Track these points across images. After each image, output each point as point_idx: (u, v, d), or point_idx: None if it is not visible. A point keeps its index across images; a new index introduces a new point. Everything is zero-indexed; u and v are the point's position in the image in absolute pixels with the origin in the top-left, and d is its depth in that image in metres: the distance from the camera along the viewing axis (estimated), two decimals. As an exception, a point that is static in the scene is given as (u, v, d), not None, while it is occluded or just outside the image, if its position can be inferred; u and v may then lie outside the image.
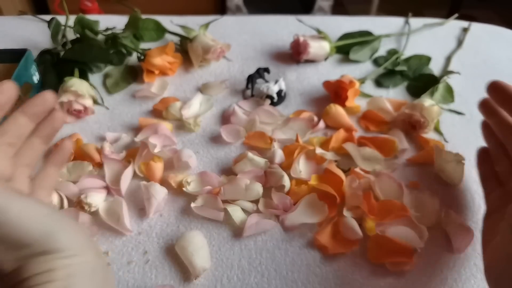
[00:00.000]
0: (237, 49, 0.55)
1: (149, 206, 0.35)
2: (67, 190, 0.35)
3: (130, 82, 0.49)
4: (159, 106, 0.45)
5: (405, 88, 0.50)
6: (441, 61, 0.55)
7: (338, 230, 0.34)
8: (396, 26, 0.62)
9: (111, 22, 0.57)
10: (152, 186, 0.35)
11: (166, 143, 0.39)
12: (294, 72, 0.52)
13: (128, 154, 0.39)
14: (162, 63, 0.49)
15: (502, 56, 0.56)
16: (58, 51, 0.50)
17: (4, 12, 1.34)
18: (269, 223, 0.34)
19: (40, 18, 0.60)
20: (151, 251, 0.33)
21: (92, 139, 0.42)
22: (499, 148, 0.33)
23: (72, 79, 0.44)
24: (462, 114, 0.46)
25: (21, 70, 0.42)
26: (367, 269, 0.32)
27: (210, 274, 0.31)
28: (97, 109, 0.45)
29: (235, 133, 0.42)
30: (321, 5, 1.77)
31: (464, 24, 0.63)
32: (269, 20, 0.63)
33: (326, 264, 0.32)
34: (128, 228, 0.33)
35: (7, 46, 0.47)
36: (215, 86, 0.48)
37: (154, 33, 0.56)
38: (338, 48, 0.55)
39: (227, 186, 0.36)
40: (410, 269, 0.31)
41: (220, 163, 0.40)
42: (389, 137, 0.41)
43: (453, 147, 0.42)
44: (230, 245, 0.33)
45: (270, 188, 0.37)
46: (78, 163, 0.38)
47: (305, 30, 0.57)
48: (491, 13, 2.09)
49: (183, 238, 0.32)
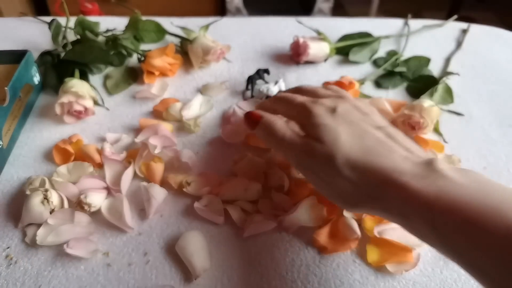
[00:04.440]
0: (237, 50, 0.56)
1: (149, 207, 0.35)
2: (67, 190, 0.35)
3: (131, 83, 0.50)
4: (159, 107, 0.45)
5: (405, 89, 0.51)
6: (441, 62, 0.55)
7: (338, 230, 0.34)
8: (396, 28, 0.62)
9: (112, 23, 0.58)
10: (152, 187, 0.35)
11: (166, 144, 0.39)
12: (294, 73, 0.52)
13: (128, 155, 0.39)
14: (162, 64, 0.49)
15: (501, 57, 0.57)
16: (59, 52, 0.50)
17: (5, 13, 1.34)
18: (269, 224, 0.34)
19: (41, 20, 0.60)
20: (151, 252, 0.33)
21: (92, 140, 0.42)
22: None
23: (72, 80, 0.44)
24: (461, 115, 0.47)
25: (21, 71, 0.42)
26: (367, 269, 0.32)
27: (210, 274, 0.31)
28: (98, 110, 0.45)
29: (235, 134, 0.42)
30: (321, 7, 1.77)
31: (463, 26, 0.63)
32: (269, 21, 0.63)
33: (326, 264, 0.32)
34: (130, 226, 0.33)
35: (7, 47, 0.47)
36: (215, 87, 0.49)
37: (154, 35, 0.56)
38: (338, 50, 0.55)
39: (227, 186, 0.36)
40: (409, 269, 0.31)
41: (220, 164, 0.40)
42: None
43: (453, 148, 0.42)
44: (230, 245, 0.33)
45: (269, 188, 0.37)
46: (79, 164, 0.38)
47: (305, 32, 0.57)
48: (490, 15, 2.10)
49: (183, 239, 0.32)
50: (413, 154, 0.28)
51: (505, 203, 0.22)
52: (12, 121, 0.42)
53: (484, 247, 0.22)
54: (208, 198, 0.36)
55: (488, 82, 0.52)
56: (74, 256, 0.32)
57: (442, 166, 0.26)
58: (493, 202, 0.22)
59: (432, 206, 0.24)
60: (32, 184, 0.36)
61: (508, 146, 0.43)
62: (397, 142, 0.29)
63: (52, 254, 0.32)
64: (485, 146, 0.43)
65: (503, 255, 0.21)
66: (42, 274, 0.31)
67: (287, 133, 0.32)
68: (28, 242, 0.33)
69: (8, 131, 0.41)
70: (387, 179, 0.26)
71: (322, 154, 0.29)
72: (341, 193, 0.28)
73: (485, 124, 0.46)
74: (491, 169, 0.40)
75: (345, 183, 0.28)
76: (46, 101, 0.47)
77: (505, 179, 0.39)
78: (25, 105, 0.44)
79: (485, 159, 0.41)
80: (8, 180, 0.38)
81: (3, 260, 0.32)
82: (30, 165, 0.39)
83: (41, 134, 0.42)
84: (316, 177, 0.30)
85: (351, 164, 0.28)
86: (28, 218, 0.33)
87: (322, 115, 0.31)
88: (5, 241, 0.33)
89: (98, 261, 0.32)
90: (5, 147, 0.39)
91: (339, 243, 0.33)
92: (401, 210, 0.25)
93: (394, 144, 0.29)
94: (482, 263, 0.22)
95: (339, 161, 0.28)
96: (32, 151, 0.41)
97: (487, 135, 0.44)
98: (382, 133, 0.30)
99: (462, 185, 0.24)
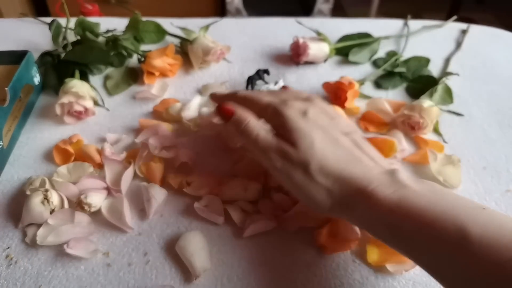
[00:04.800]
0: (237, 51, 0.56)
1: (149, 207, 0.35)
2: (67, 190, 0.35)
3: (131, 83, 0.50)
4: (159, 108, 0.45)
5: (404, 90, 0.51)
6: (440, 62, 0.55)
7: (338, 230, 0.34)
8: (395, 28, 0.62)
9: (112, 24, 0.58)
10: (152, 187, 0.35)
11: (166, 144, 0.39)
12: (294, 74, 0.52)
13: (128, 155, 0.39)
14: (162, 65, 0.49)
15: (500, 58, 0.57)
16: (59, 53, 0.50)
17: (5, 14, 1.34)
18: (268, 224, 0.34)
19: (41, 20, 0.60)
20: (151, 252, 0.33)
21: (92, 140, 0.42)
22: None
23: (72, 81, 0.44)
24: (461, 115, 0.47)
25: (22, 72, 0.43)
26: (367, 269, 0.32)
27: (210, 274, 0.31)
28: (98, 110, 0.46)
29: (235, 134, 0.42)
30: (321, 8, 1.77)
31: (462, 26, 0.63)
32: (269, 22, 0.63)
33: (326, 264, 0.32)
34: (130, 226, 0.33)
35: (8, 48, 0.47)
36: (215, 88, 0.49)
37: (154, 35, 0.56)
38: (338, 50, 0.55)
39: (227, 186, 0.36)
40: (409, 269, 0.32)
41: (220, 164, 0.40)
42: (388, 138, 0.41)
43: (452, 148, 0.42)
44: (230, 245, 0.33)
45: (269, 188, 0.37)
46: (79, 164, 0.38)
47: (304, 32, 0.58)
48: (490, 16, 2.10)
49: (183, 239, 0.32)
50: (377, 164, 0.30)
51: (457, 209, 0.25)
52: (12, 121, 0.42)
53: (438, 249, 0.24)
54: (208, 198, 0.36)
55: (487, 83, 0.52)
56: (74, 256, 0.32)
57: (403, 176, 0.28)
58: (446, 208, 0.25)
59: (393, 213, 0.26)
60: (33, 184, 0.36)
61: (507, 146, 0.43)
62: (362, 150, 0.31)
63: (52, 254, 0.32)
64: (485, 146, 0.43)
65: (455, 256, 0.23)
66: (42, 274, 0.31)
67: (260, 133, 0.32)
68: (28, 242, 0.33)
69: (9, 132, 0.41)
70: (357, 188, 0.28)
71: (296, 159, 0.30)
72: (313, 197, 0.29)
73: (484, 124, 0.46)
74: (490, 169, 0.40)
75: (318, 188, 0.29)
76: (46, 102, 0.47)
77: (504, 179, 0.39)
78: (26, 105, 0.44)
79: (484, 159, 0.41)
80: (9, 180, 0.38)
81: (3, 260, 0.32)
82: (30, 165, 0.39)
83: (42, 135, 0.42)
84: (289, 180, 0.30)
85: (324, 171, 0.29)
86: (28, 218, 0.33)
87: (294, 118, 0.31)
88: (5, 241, 0.33)
89: (98, 261, 0.32)
90: (5, 147, 0.39)
91: (339, 243, 0.33)
92: (366, 218, 0.28)
93: (361, 153, 0.31)
94: (438, 264, 0.24)
95: (313, 167, 0.29)
96: (32, 151, 0.41)
97: (486, 135, 0.44)
98: (349, 140, 0.31)
99: (420, 194, 0.26)
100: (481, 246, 0.22)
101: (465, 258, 0.23)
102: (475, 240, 0.22)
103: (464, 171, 0.40)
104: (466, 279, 0.23)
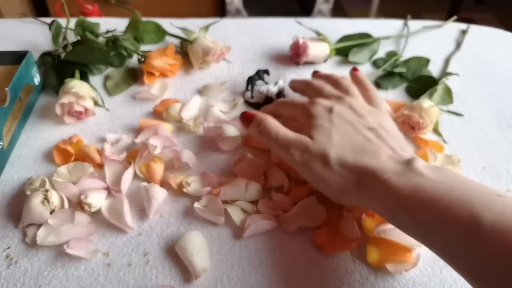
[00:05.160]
0: (237, 51, 0.56)
1: (149, 207, 0.35)
2: (67, 190, 0.35)
3: (131, 84, 0.50)
4: (159, 108, 0.45)
5: (404, 90, 0.51)
6: (440, 63, 0.55)
7: (338, 230, 0.34)
8: (395, 29, 0.62)
9: (112, 24, 0.58)
10: (152, 188, 0.35)
11: (166, 144, 0.40)
12: (294, 74, 0.52)
13: (128, 155, 0.39)
14: (162, 65, 0.49)
15: (500, 58, 0.57)
16: (59, 53, 0.50)
17: (5, 14, 1.35)
18: (268, 224, 0.34)
19: (41, 21, 0.60)
20: (151, 252, 0.33)
21: (92, 141, 0.42)
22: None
23: (73, 81, 0.44)
24: (461, 115, 0.47)
25: (22, 72, 0.43)
26: (367, 269, 0.32)
27: (210, 274, 0.31)
28: (98, 110, 0.46)
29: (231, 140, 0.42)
30: (321, 8, 1.77)
31: (462, 27, 0.63)
32: (269, 22, 0.63)
33: (325, 264, 0.32)
34: (130, 226, 0.33)
35: (8, 48, 0.48)
36: (215, 88, 0.49)
37: (154, 36, 0.56)
38: (338, 50, 0.55)
39: (227, 186, 0.36)
40: (409, 269, 0.32)
41: (220, 164, 0.40)
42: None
43: (452, 148, 0.42)
44: (230, 245, 0.33)
45: (269, 189, 0.37)
46: (79, 164, 0.38)
47: (304, 33, 0.58)
48: (490, 16, 2.10)
49: (183, 239, 0.33)
50: (396, 154, 0.31)
51: (472, 196, 0.25)
52: (12, 121, 0.42)
53: (454, 235, 0.25)
54: (208, 198, 0.36)
55: (487, 83, 0.52)
56: (74, 256, 0.32)
57: (419, 165, 0.29)
58: (462, 195, 0.25)
59: (409, 200, 0.27)
60: (33, 184, 0.36)
61: (507, 146, 0.43)
62: (385, 142, 0.33)
63: (52, 254, 0.32)
64: (485, 146, 0.43)
65: (470, 242, 0.24)
66: (42, 274, 0.31)
67: (280, 130, 0.35)
68: (29, 242, 0.33)
69: (9, 132, 0.41)
70: (372, 177, 0.29)
71: (315, 152, 0.32)
72: (332, 185, 0.31)
73: (484, 125, 0.46)
74: (490, 169, 0.40)
75: (336, 177, 0.31)
76: (46, 102, 0.47)
77: (504, 179, 0.39)
78: (26, 105, 0.44)
79: (484, 159, 0.41)
80: (9, 181, 0.38)
81: (4, 260, 0.32)
82: (30, 165, 0.39)
83: (42, 135, 0.42)
84: (309, 172, 0.32)
85: (341, 162, 0.31)
86: (28, 218, 0.33)
87: (319, 116, 0.35)
88: (5, 241, 0.33)
89: (98, 261, 0.32)
90: (5, 147, 0.39)
91: (339, 243, 0.33)
92: (382, 205, 0.29)
93: (382, 144, 0.32)
94: (453, 249, 0.25)
95: (331, 158, 0.31)
96: (32, 151, 0.41)
97: (486, 135, 0.44)
98: (372, 134, 0.33)
99: (435, 182, 0.27)
100: (495, 232, 0.23)
101: (478, 244, 0.23)
102: (487, 226, 0.23)
103: (464, 171, 0.40)
104: (479, 264, 0.23)
